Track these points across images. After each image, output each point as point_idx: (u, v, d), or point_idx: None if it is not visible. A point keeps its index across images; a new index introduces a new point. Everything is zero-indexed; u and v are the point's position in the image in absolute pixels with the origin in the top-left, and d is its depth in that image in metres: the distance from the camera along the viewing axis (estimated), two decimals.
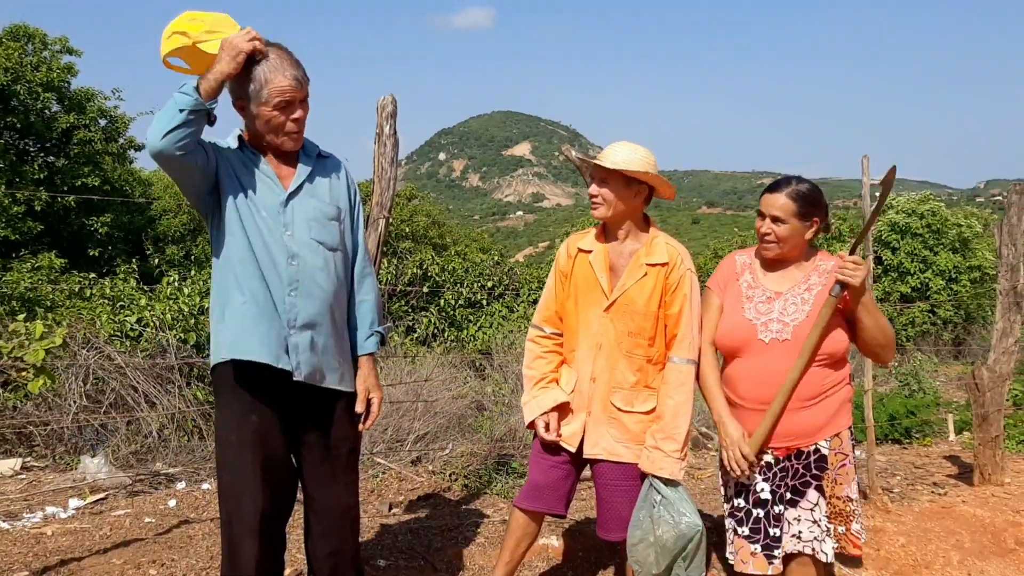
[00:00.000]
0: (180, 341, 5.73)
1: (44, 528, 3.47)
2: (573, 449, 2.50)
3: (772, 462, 2.45)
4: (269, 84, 2.04)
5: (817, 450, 2.43)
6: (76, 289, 7.76)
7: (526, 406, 2.55)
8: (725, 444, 2.45)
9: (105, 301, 6.92)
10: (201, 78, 1.98)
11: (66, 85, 16.76)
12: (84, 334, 5.25)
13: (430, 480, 4.40)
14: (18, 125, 16.19)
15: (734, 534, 2.51)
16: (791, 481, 2.44)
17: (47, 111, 16.59)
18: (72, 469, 4.44)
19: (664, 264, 2.43)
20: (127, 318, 6.10)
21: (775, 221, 2.40)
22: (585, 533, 3.49)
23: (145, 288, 7.47)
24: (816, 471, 2.42)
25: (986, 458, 4.50)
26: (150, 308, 6.20)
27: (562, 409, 2.53)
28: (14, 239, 14.61)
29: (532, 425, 2.54)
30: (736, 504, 2.52)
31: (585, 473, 2.63)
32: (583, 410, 2.49)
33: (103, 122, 17.69)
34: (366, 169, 5.31)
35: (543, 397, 2.52)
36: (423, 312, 10.66)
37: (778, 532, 2.42)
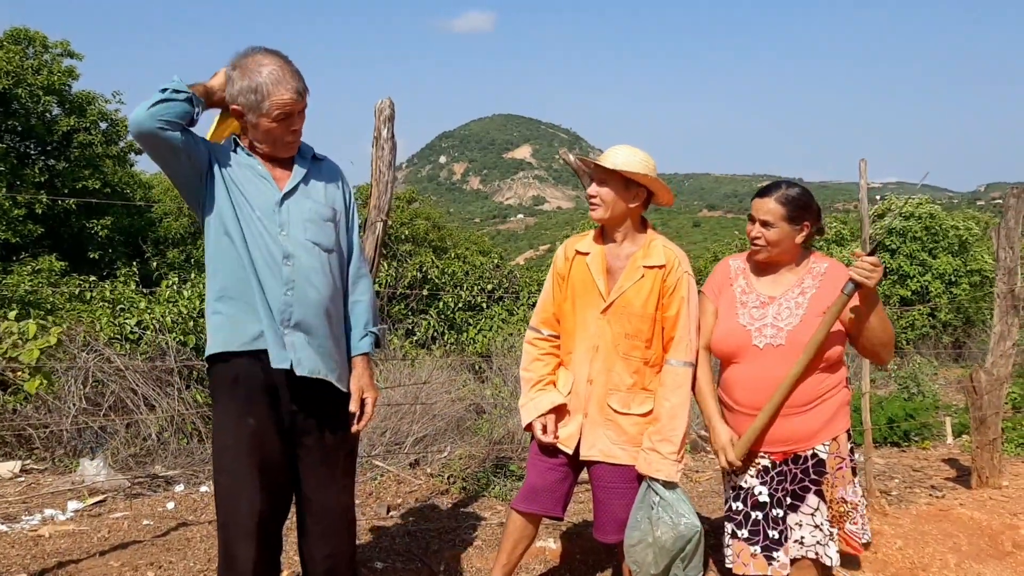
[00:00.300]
0: (179, 344, 5.74)
1: (42, 530, 3.48)
2: (570, 451, 2.50)
3: (769, 466, 2.46)
4: (271, 97, 2.04)
5: (815, 455, 2.43)
6: (76, 292, 7.76)
7: (523, 408, 2.56)
8: (714, 448, 2.49)
9: (105, 304, 6.91)
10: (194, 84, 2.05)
11: (67, 88, 16.83)
12: (84, 337, 5.25)
13: (428, 483, 4.40)
14: (19, 128, 16.25)
15: (733, 537, 2.51)
16: (790, 486, 2.44)
17: (48, 114, 16.65)
18: (71, 472, 4.45)
19: (661, 266, 2.43)
20: (127, 321, 6.10)
21: (764, 225, 2.41)
22: (582, 535, 3.49)
23: (145, 291, 7.48)
24: (815, 475, 2.43)
25: (984, 461, 4.49)
26: (150, 311, 6.20)
27: (559, 411, 2.53)
28: (15, 242, 14.66)
29: (529, 427, 2.54)
30: (735, 508, 2.53)
31: (582, 476, 2.63)
32: (580, 412, 2.49)
33: (104, 125, 17.77)
34: (367, 171, 5.32)
35: (540, 399, 2.52)
36: (423, 315, 10.65)
37: (777, 534, 2.43)
